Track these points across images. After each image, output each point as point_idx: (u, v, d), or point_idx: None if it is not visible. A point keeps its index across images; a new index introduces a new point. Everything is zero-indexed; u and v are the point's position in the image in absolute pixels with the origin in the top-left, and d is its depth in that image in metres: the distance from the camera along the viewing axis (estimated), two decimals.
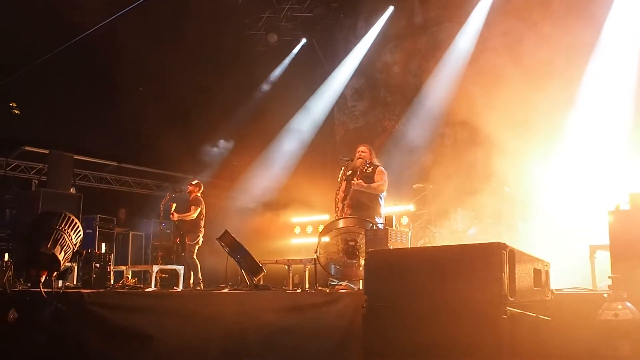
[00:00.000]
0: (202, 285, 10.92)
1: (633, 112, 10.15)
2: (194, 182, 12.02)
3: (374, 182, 8.49)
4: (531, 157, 10.74)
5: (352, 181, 8.43)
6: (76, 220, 5.79)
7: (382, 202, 8.64)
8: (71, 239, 5.62)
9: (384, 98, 15.72)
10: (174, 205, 11.48)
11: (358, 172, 8.55)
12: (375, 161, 8.85)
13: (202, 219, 11.67)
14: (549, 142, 10.70)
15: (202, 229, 11.61)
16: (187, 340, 5.82)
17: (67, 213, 5.76)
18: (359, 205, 8.42)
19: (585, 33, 11.36)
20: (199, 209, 11.58)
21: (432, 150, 13.82)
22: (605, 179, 8.88)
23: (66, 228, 5.60)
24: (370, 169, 8.58)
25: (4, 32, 11.30)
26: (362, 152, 8.82)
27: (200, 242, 11.53)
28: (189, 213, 11.49)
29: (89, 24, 11.73)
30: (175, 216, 11.38)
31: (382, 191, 8.59)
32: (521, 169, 10.62)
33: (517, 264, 4.53)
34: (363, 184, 8.37)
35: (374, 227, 7.35)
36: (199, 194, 11.85)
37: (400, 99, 14.98)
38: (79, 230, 5.82)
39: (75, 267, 9.06)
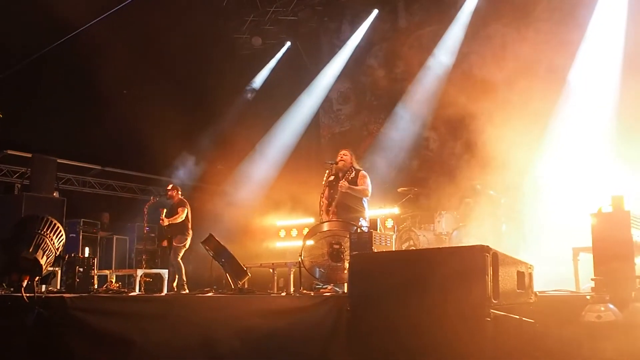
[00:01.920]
0: (186, 288, 10.87)
1: (616, 114, 10.22)
2: (169, 187, 11.97)
3: (358, 186, 8.50)
4: (515, 160, 10.79)
5: (340, 183, 8.41)
6: (58, 224, 5.75)
7: (366, 205, 8.65)
8: (53, 243, 5.58)
9: (370, 102, 15.74)
10: (164, 210, 11.44)
11: (341, 176, 8.53)
12: (357, 165, 8.84)
13: (189, 221, 11.62)
14: (533, 145, 10.75)
15: (190, 232, 11.56)
16: (170, 345, 5.78)
17: (49, 217, 5.72)
18: (345, 208, 8.42)
19: (569, 36, 11.44)
20: (185, 210, 11.53)
21: (417, 154, 13.86)
22: (588, 182, 8.92)
23: (48, 232, 5.56)
24: (353, 174, 8.58)
25: None
26: (343, 155, 8.80)
27: (187, 245, 11.48)
28: (177, 215, 11.43)
29: (72, 27, 11.66)
30: (165, 221, 11.34)
31: (367, 195, 8.59)
32: (505, 171, 10.66)
33: (500, 267, 4.55)
34: (348, 185, 8.37)
35: (358, 230, 7.35)
36: (180, 196, 11.81)
37: (386, 102, 15.00)
38: (62, 235, 5.78)
39: (59, 272, 9.00)
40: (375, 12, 15.26)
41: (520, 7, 12.46)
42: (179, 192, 11.88)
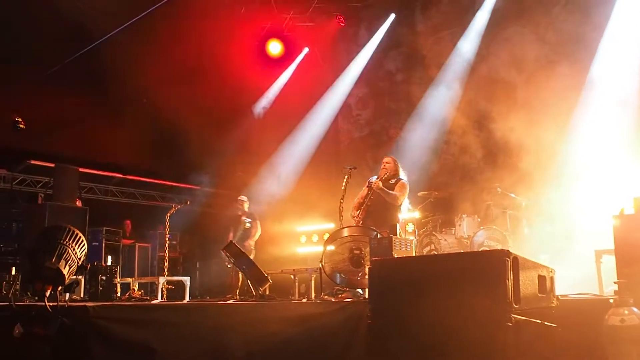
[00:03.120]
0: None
1: (637, 115, 10.13)
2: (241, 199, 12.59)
3: (393, 192, 8.46)
4: (536, 162, 10.75)
5: (374, 181, 8.39)
6: (80, 234, 5.78)
7: (400, 217, 8.64)
8: (75, 252, 5.61)
9: (389, 106, 15.72)
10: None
11: (381, 178, 8.48)
12: (401, 174, 8.78)
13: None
14: (554, 148, 10.70)
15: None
16: (191, 353, 5.81)
17: (72, 227, 5.76)
18: (382, 205, 8.41)
19: (588, 36, 11.37)
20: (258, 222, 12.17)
21: (437, 158, 13.82)
22: (610, 184, 8.86)
23: (70, 242, 5.60)
24: (393, 181, 8.56)
25: (10, 44, 11.36)
26: (386, 162, 8.76)
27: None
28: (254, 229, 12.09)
29: (94, 36, 11.77)
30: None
31: (396, 202, 8.48)
32: (526, 174, 10.62)
33: (521, 271, 4.53)
34: (381, 185, 8.34)
35: (378, 236, 7.34)
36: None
37: (405, 107, 14.96)
38: (83, 244, 5.81)
39: (82, 280, 9.07)
40: (393, 16, 15.24)
41: (538, 7, 12.41)
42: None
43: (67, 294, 6.40)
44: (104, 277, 8.20)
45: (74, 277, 7.02)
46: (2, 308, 5.48)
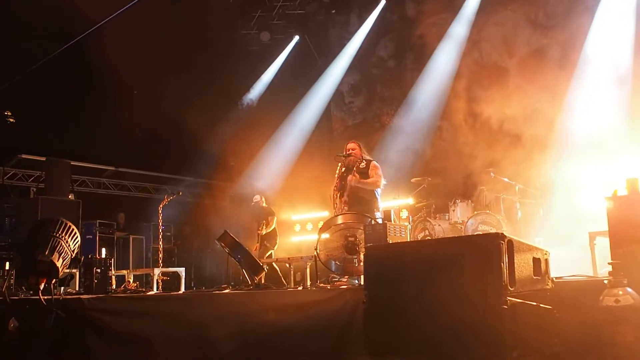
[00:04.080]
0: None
1: (629, 97, 10.14)
2: (257, 197, 12.81)
3: (369, 178, 8.44)
4: (529, 145, 10.76)
5: (348, 177, 8.37)
6: (73, 226, 5.76)
7: (378, 196, 8.58)
8: (69, 245, 5.59)
9: (381, 93, 15.72)
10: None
11: (354, 169, 8.45)
12: (367, 156, 8.71)
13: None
14: (546, 131, 10.70)
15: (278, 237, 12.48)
16: (188, 343, 5.79)
17: (64, 220, 5.73)
18: (357, 200, 8.35)
19: (580, 19, 11.36)
20: (274, 218, 12.37)
21: (430, 144, 13.82)
22: (602, 165, 8.86)
23: (63, 235, 5.58)
24: (363, 164, 8.52)
25: None
26: (351, 149, 8.70)
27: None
28: (269, 224, 12.25)
29: (82, 28, 11.69)
30: (263, 230, 12.05)
31: (379, 186, 8.48)
32: (519, 158, 10.63)
33: (516, 254, 4.53)
34: (359, 179, 8.31)
35: (373, 222, 7.33)
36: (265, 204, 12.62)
37: (397, 93, 14.97)
38: (77, 237, 5.79)
39: (77, 274, 9.04)
40: (383, 2, 15.21)
41: None
42: (264, 201, 12.63)
43: (62, 288, 6.37)
44: (98, 270, 8.14)
45: (68, 270, 7.00)
46: None
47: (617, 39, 10.70)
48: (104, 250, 9.80)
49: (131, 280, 10.22)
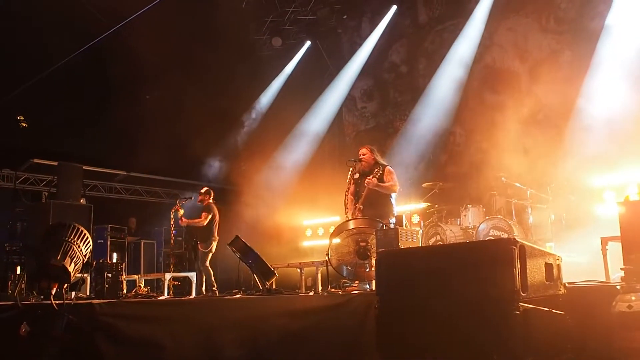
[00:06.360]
0: (217, 291, 10.90)
1: None
2: (203, 190, 12.01)
3: (385, 183, 8.40)
4: (542, 151, 10.72)
5: (367, 179, 8.28)
6: (85, 231, 5.78)
7: (394, 201, 8.53)
8: (80, 250, 5.61)
9: (394, 98, 15.69)
10: (182, 210, 11.50)
11: (372, 175, 8.36)
12: (381, 161, 8.68)
13: (215, 226, 11.64)
14: (559, 137, 10.67)
15: (216, 237, 11.57)
16: (199, 348, 5.80)
17: (76, 224, 5.75)
18: (372, 205, 8.29)
19: (591, 24, 11.32)
20: (210, 216, 11.55)
21: (443, 149, 13.79)
22: (615, 171, 8.83)
23: (75, 239, 5.59)
24: (380, 171, 8.39)
25: (11, 44, 11.36)
26: (362, 154, 8.66)
27: (213, 250, 11.50)
28: (199, 219, 11.48)
29: (94, 34, 11.76)
30: (184, 221, 11.43)
31: (395, 191, 8.42)
32: (532, 163, 10.60)
33: (528, 259, 4.51)
34: (376, 181, 8.23)
35: (384, 227, 7.32)
36: (210, 201, 11.84)
37: (410, 98, 14.93)
38: (88, 241, 5.81)
39: (88, 278, 9.07)
40: (394, 8, 15.18)
41: None
42: (211, 197, 11.93)
43: (73, 292, 6.39)
44: (109, 275, 8.19)
45: (80, 275, 7.03)
46: (8, 307, 5.47)
47: (629, 44, 10.63)
48: (115, 255, 9.85)
49: (142, 285, 10.26)
